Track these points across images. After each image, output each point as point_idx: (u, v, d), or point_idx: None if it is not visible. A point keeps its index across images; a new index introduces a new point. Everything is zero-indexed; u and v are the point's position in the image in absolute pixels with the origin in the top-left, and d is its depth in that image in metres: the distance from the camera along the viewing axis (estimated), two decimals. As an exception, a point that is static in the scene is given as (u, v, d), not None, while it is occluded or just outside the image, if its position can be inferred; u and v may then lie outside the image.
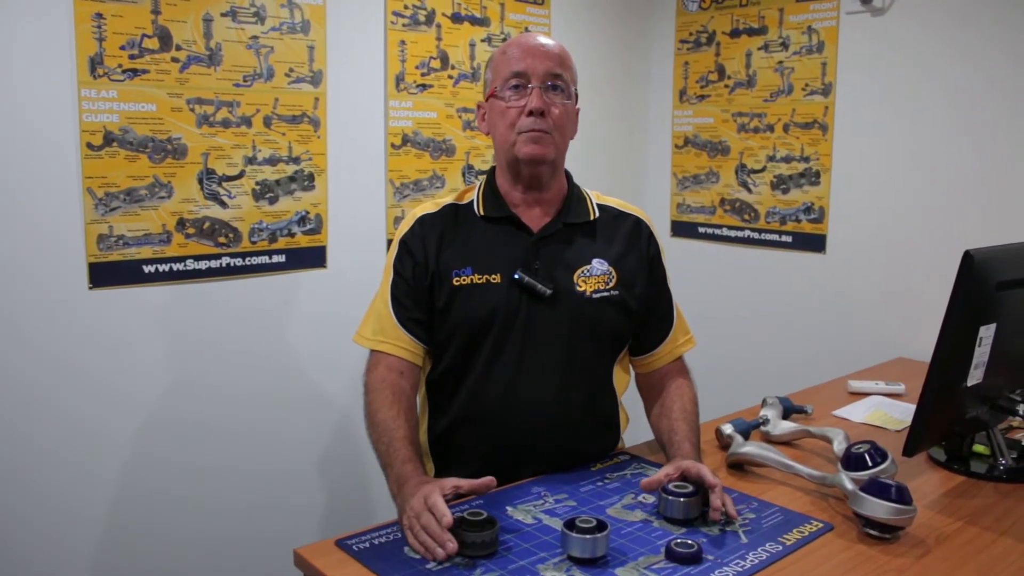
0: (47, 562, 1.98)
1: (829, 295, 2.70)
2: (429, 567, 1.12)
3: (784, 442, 1.65)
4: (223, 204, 2.16)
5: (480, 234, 1.48)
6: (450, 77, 2.57)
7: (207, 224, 2.14)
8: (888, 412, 1.87)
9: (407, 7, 2.45)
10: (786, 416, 1.73)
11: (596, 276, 1.48)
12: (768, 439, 1.65)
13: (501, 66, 1.46)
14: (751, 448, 1.48)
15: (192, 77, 2.07)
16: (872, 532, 1.23)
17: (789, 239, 2.80)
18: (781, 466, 1.44)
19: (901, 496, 1.21)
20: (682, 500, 1.25)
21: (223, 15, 2.10)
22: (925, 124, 2.43)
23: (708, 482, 1.25)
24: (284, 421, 2.35)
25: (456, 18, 2.56)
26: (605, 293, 1.48)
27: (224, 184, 2.16)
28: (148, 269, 2.06)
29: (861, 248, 2.61)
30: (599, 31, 3.01)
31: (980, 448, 1.54)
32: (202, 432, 2.19)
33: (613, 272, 1.49)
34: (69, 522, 2.00)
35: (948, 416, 1.47)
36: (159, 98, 2.03)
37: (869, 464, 1.35)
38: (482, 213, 1.50)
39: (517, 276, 1.43)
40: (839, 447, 1.51)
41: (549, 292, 1.43)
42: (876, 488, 1.22)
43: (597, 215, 1.54)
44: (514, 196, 1.50)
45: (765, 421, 1.67)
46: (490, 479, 1.23)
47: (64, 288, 1.94)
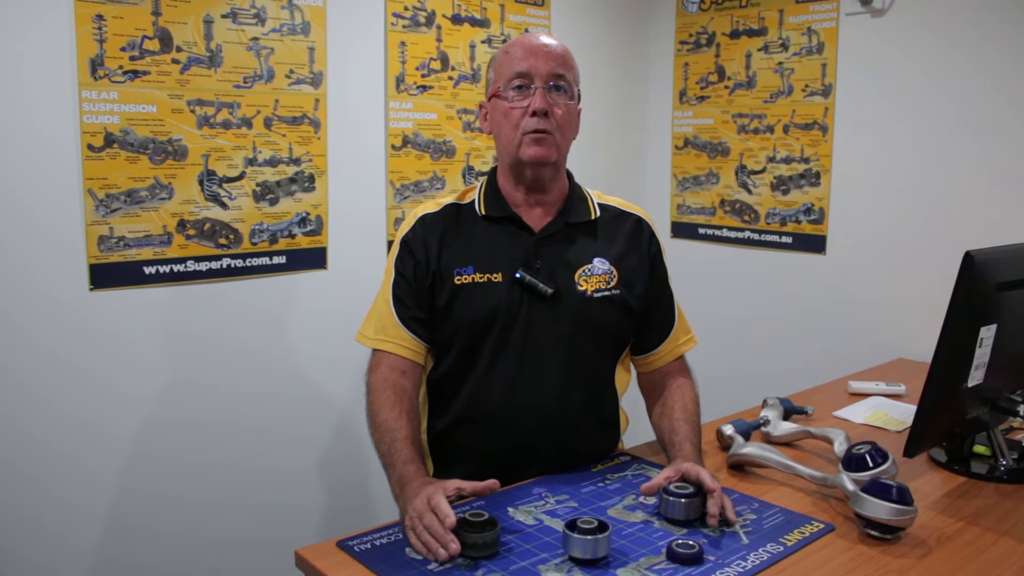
0: (48, 561, 1.98)
1: (829, 296, 2.70)
2: (430, 568, 1.12)
3: (785, 443, 1.65)
4: (224, 205, 2.17)
5: (481, 233, 1.48)
6: (450, 78, 2.57)
7: (208, 225, 2.14)
8: (888, 413, 1.87)
9: (407, 8, 2.46)
10: (787, 417, 1.73)
11: (597, 275, 1.48)
12: (769, 440, 1.66)
13: (504, 66, 1.45)
14: (752, 449, 1.48)
15: (193, 78, 2.07)
16: (873, 533, 1.23)
17: (789, 240, 2.80)
18: (782, 467, 1.44)
19: (902, 497, 1.21)
20: (683, 501, 1.25)
21: (223, 16, 2.10)
22: (925, 125, 2.43)
23: (707, 487, 1.25)
24: (285, 422, 2.35)
25: (456, 19, 2.57)
26: (606, 292, 1.48)
27: (225, 185, 2.16)
28: (149, 270, 2.06)
29: (861, 249, 2.61)
30: (599, 32, 3.01)
31: (981, 449, 1.54)
32: (203, 433, 2.19)
33: (614, 271, 1.49)
34: (70, 522, 2.00)
35: (949, 417, 1.47)
36: (160, 99, 2.03)
37: (870, 465, 1.36)
38: (483, 213, 1.50)
39: (519, 275, 1.43)
40: (840, 448, 1.51)
41: (551, 292, 1.43)
42: (877, 489, 1.22)
43: (598, 214, 1.54)
44: (516, 196, 1.50)
45: (766, 422, 1.67)
46: (493, 482, 1.23)
47: (65, 289, 1.95)
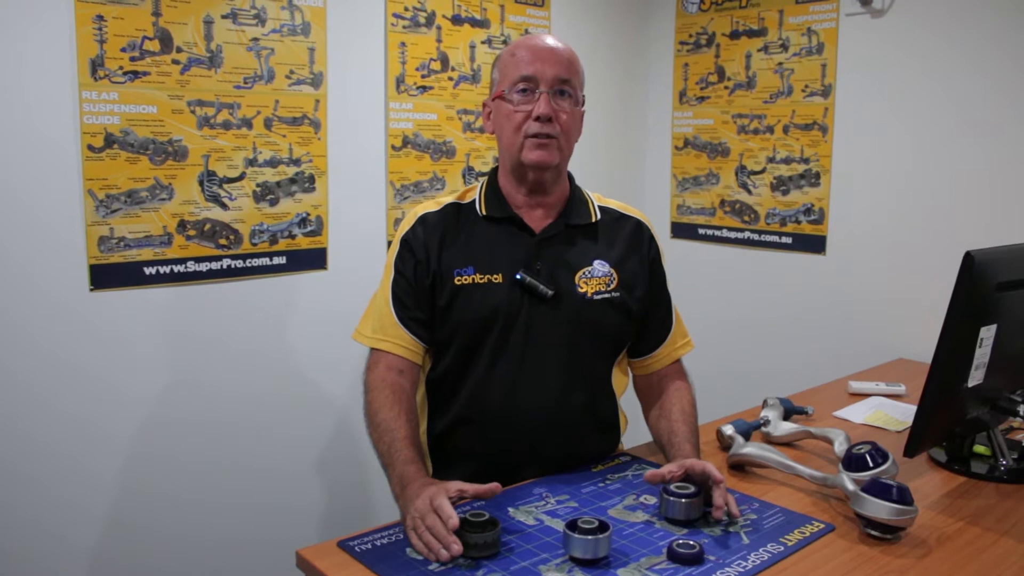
0: (48, 561, 1.98)
1: (829, 296, 2.70)
2: (431, 568, 1.12)
3: (785, 443, 1.65)
4: (224, 206, 2.17)
5: (482, 234, 1.48)
6: (450, 79, 2.57)
7: (208, 226, 2.15)
8: (889, 413, 1.87)
9: (407, 9, 2.46)
10: (787, 417, 1.73)
11: (597, 278, 1.48)
12: (769, 440, 1.66)
13: (509, 68, 1.45)
14: (752, 449, 1.49)
15: (193, 79, 2.07)
16: (873, 533, 1.23)
17: (789, 240, 2.80)
18: (782, 467, 1.44)
19: (902, 497, 1.21)
20: (684, 501, 1.25)
21: (224, 17, 2.11)
22: (925, 125, 2.44)
23: (714, 477, 1.25)
24: (285, 422, 2.35)
25: (456, 20, 2.57)
26: (606, 295, 1.48)
27: (225, 186, 2.16)
28: (149, 271, 2.06)
29: (861, 249, 2.61)
30: (599, 33, 3.01)
31: (981, 449, 1.55)
32: (203, 433, 2.19)
33: (614, 274, 1.49)
34: (70, 522, 2.00)
35: (949, 417, 1.47)
36: (160, 100, 2.03)
37: (870, 465, 1.36)
38: (484, 213, 1.50)
39: (519, 277, 1.43)
40: (840, 448, 1.51)
41: (551, 293, 1.43)
42: (877, 489, 1.22)
43: (599, 217, 1.54)
44: (517, 198, 1.50)
45: (766, 422, 1.67)
46: (495, 485, 1.22)
47: (65, 290, 1.95)
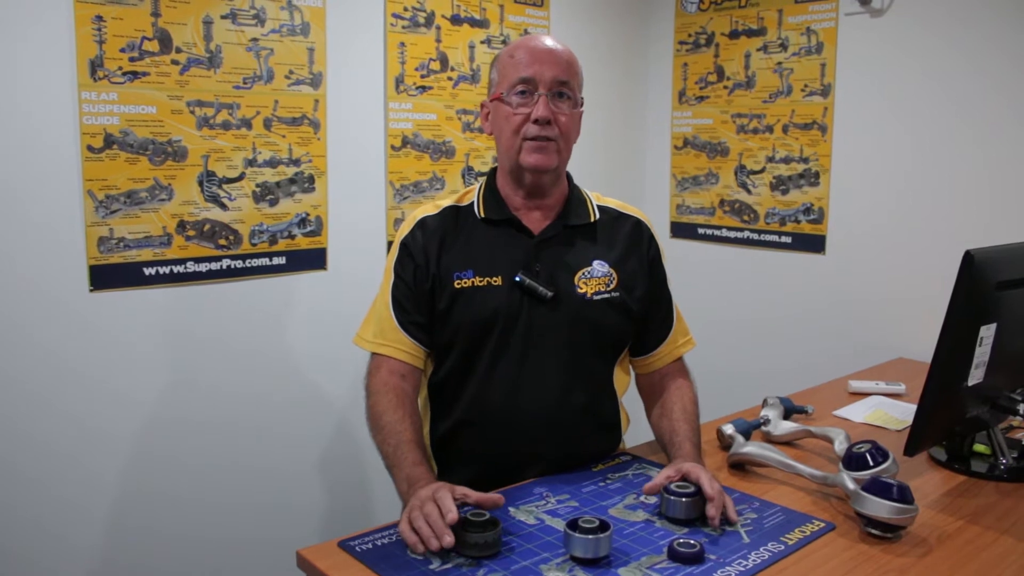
0: (48, 561, 1.98)
1: (829, 295, 2.70)
2: (432, 568, 1.12)
3: (785, 442, 1.65)
4: (223, 206, 2.17)
5: (481, 236, 1.48)
6: (450, 79, 2.57)
7: (207, 226, 2.14)
8: (889, 412, 1.87)
9: (406, 9, 2.46)
10: (787, 416, 1.73)
11: (597, 278, 1.48)
12: (769, 439, 1.66)
13: (508, 69, 1.44)
14: (752, 448, 1.49)
15: (192, 79, 2.07)
16: (874, 531, 1.23)
17: (789, 240, 2.81)
18: (782, 466, 1.44)
19: (903, 495, 1.21)
20: (684, 500, 1.25)
21: (223, 17, 2.10)
22: (924, 124, 2.44)
23: (706, 492, 1.25)
24: (285, 422, 2.35)
25: (455, 20, 2.57)
26: (606, 295, 1.48)
27: (224, 186, 2.16)
28: (149, 271, 2.06)
29: (861, 248, 2.61)
30: (598, 32, 3.01)
31: (981, 448, 1.55)
32: (203, 433, 2.19)
33: (614, 274, 1.49)
34: (70, 522, 2.00)
35: (949, 416, 1.47)
36: (159, 100, 2.03)
37: (870, 464, 1.36)
38: (483, 215, 1.50)
39: (518, 279, 1.43)
40: (840, 447, 1.51)
41: (551, 295, 1.43)
42: (878, 488, 1.22)
43: (597, 217, 1.54)
44: (515, 199, 1.50)
45: (766, 421, 1.67)
46: (499, 497, 1.23)
47: (65, 290, 1.94)
